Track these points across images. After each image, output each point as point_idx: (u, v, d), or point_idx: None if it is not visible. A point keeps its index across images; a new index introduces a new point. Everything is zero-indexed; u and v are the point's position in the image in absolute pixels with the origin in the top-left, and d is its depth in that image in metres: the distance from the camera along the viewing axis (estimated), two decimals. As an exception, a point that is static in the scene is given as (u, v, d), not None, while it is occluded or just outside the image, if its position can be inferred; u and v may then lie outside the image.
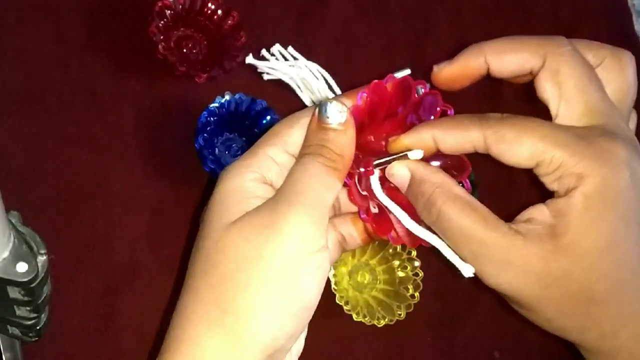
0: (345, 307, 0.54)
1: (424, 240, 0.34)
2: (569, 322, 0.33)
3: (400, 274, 0.57)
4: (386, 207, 0.34)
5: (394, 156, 0.35)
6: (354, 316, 0.54)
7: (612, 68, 0.35)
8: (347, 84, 0.61)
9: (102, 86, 0.56)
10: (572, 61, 0.33)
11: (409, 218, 0.34)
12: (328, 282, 0.56)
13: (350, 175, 0.34)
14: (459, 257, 0.33)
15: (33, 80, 0.54)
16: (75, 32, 0.57)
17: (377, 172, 0.35)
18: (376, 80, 0.34)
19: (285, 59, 0.62)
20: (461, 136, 0.33)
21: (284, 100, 0.61)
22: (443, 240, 0.33)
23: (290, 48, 0.62)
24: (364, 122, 0.34)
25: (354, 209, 0.36)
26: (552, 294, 0.32)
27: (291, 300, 0.31)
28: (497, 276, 0.32)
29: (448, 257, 0.33)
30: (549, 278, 0.31)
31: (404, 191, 0.35)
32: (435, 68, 0.36)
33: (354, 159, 0.34)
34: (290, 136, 0.34)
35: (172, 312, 0.44)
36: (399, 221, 0.34)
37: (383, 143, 0.36)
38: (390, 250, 0.57)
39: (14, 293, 0.35)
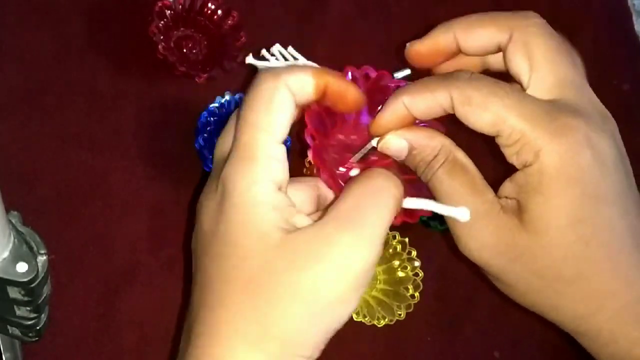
0: (345, 307, 0.54)
1: (419, 211, 0.34)
2: (541, 298, 0.32)
3: (400, 274, 0.57)
4: None
5: (363, 150, 0.35)
6: (354, 316, 0.54)
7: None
8: (347, 84, 0.61)
9: (102, 86, 0.56)
10: (540, 32, 0.32)
11: None
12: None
13: (327, 171, 0.34)
14: (452, 207, 0.32)
15: (33, 80, 0.54)
16: (75, 32, 0.57)
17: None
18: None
19: (285, 59, 0.62)
20: (429, 99, 0.32)
21: (284, 100, 0.61)
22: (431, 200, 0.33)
23: (290, 48, 0.62)
24: (336, 120, 0.35)
25: None
26: (519, 268, 0.32)
27: (333, 324, 0.31)
28: (469, 242, 0.33)
29: (439, 211, 0.33)
30: (515, 252, 0.31)
31: (401, 159, 0.35)
32: (408, 45, 0.36)
33: (331, 160, 0.34)
34: (273, 125, 0.31)
35: (173, 310, 0.44)
36: None
37: (354, 137, 0.36)
38: (390, 251, 0.57)
39: (14, 293, 0.35)
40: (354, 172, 0.35)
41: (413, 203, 0.33)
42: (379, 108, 0.35)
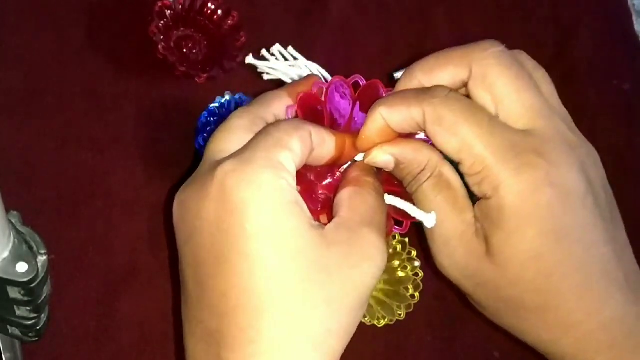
0: (345, 307, 0.54)
1: (408, 222, 0.35)
2: (507, 322, 0.33)
3: (400, 274, 0.57)
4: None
5: (348, 163, 0.35)
6: (354, 316, 0.54)
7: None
8: (347, 84, 0.61)
9: (102, 86, 0.56)
10: (498, 63, 0.32)
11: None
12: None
13: (308, 189, 0.34)
14: (421, 211, 0.34)
15: (33, 80, 0.54)
16: (75, 32, 0.57)
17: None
18: (303, 93, 0.34)
19: (285, 59, 0.62)
20: (404, 113, 0.32)
21: (284, 100, 0.61)
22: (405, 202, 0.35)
23: (290, 48, 0.62)
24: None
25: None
26: (485, 293, 0.33)
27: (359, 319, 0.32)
28: (443, 260, 0.33)
29: (410, 212, 0.34)
30: (480, 279, 0.32)
31: (389, 170, 0.35)
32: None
33: (320, 171, 0.35)
34: (295, 145, 0.31)
35: (173, 310, 0.44)
36: None
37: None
38: (390, 251, 0.57)
39: (14, 293, 0.35)
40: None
41: (389, 200, 0.35)
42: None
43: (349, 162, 0.35)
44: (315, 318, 0.29)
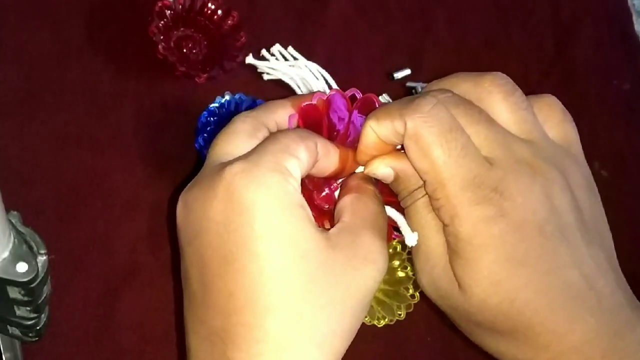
0: (345, 307, 0.54)
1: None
2: (484, 342, 0.34)
3: (400, 274, 0.57)
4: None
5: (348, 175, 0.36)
6: (354, 316, 0.54)
7: (546, 120, 0.34)
8: (347, 84, 0.61)
9: (102, 86, 0.56)
10: (450, 104, 0.32)
11: None
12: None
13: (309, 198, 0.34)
14: (409, 228, 0.34)
15: (33, 80, 0.54)
16: (75, 32, 0.57)
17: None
18: (305, 104, 0.34)
19: (285, 59, 0.62)
20: (389, 127, 0.32)
21: (284, 100, 0.61)
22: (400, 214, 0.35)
23: (290, 48, 0.62)
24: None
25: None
26: (458, 315, 0.33)
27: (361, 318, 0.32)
28: (422, 277, 0.34)
29: (399, 224, 0.34)
30: (452, 303, 0.33)
31: (388, 182, 0.35)
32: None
33: (317, 182, 0.35)
34: (301, 152, 0.32)
35: (172, 310, 0.44)
36: None
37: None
38: (390, 250, 0.57)
39: (14, 293, 0.35)
40: (337, 192, 0.36)
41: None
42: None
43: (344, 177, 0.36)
44: (320, 319, 0.30)
